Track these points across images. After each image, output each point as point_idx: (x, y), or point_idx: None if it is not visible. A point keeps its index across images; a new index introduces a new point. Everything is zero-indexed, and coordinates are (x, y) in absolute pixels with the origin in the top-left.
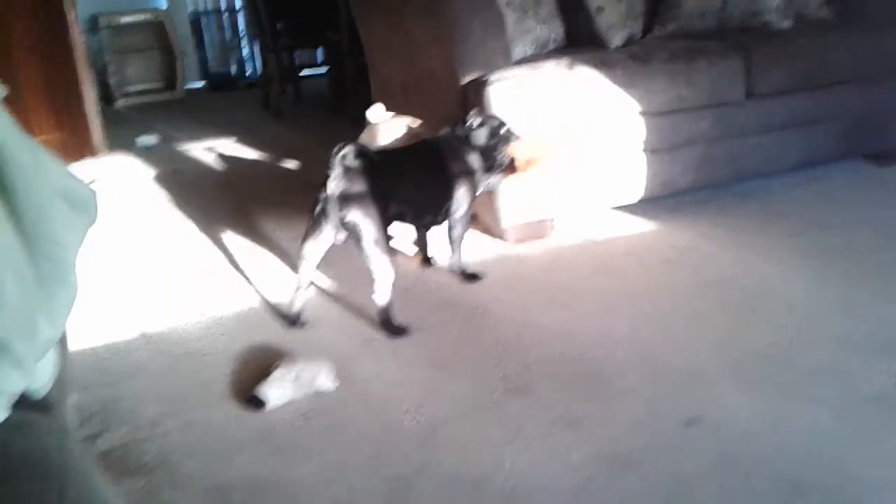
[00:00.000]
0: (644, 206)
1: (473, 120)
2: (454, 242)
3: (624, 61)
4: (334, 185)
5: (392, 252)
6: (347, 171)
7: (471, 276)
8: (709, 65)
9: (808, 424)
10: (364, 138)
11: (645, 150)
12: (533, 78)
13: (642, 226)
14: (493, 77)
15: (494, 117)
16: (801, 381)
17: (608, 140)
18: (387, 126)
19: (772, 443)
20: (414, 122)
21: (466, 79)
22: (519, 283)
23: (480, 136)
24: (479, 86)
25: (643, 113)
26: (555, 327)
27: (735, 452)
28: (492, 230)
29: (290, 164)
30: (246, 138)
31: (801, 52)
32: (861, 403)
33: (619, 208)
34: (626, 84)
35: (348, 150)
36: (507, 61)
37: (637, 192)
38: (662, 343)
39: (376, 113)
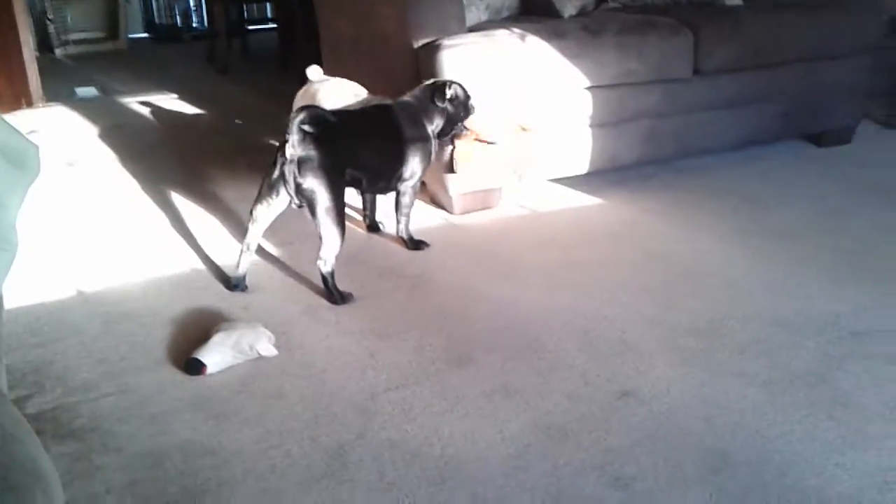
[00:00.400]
0: (589, 180)
1: (455, 89)
2: (403, 209)
3: (576, 32)
4: (292, 150)
5: (344, 221)
6: (306, 135)
7: (417, 244)
8: (660, 39)
9: (736, 399)
10: (300, 98)
11: (592, 125)
12: (486, 46)
13: (587, 199)
14: (447, 42)
15: (465, 88)
16: (731, 358)
17: (556, 113)
18: (327, 87)
19: (700, 416)
20: (357, 89)
21: (419, 42)
22: (464, 253)
23: (450, 106)
24: (432, 50)
25: (592, 87)
26: (498, 298)
27: (665, 425)
28: (439, 199)
29: (236, 121)
30: (190, 93)
31: (750, 31)
32: (788, 379)
33: (565, 181)
34: (577, 55)
35: (307, 114)
36: (461, 27)
37: (583, 165)
38: (601, 317)
39: (316, 72)
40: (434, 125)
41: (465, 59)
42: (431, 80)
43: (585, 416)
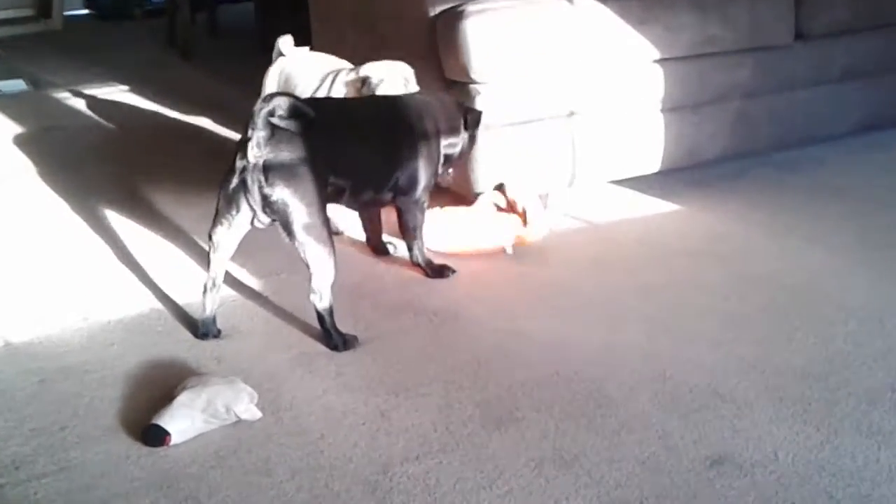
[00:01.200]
0: (661, 181)
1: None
2: (409, 230)
3: None
4: (257, 151)
5: (332, 239)
6: (276, 132)
7: (439, 270)
8: None
9: (867, 465)
10: (270, 79)
11: (663, 109)
12: (522, 12)
13: (659, 206)
14: (472, 8)
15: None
16: (858, 410)
17: (617, 95)
18: (305, 64)
19: (820, 488)
20: (406, 72)
21: (437, 9)
22: (501, 280)
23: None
24: (453, 19)
25: (662, 60)
26: (545, 338)
27: (773, 501)
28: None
29: (202, 120)
30: (144, 85)
31: None
32: None
33: (630, 182)
34: (641, 20)
35: (278, 103)
36: None
37: (653, 162)
38: (683, 359)
39: (288, 44)
40: (448, 143)
41: (494, 29)
42: (463, 103)
43: (667, 490)
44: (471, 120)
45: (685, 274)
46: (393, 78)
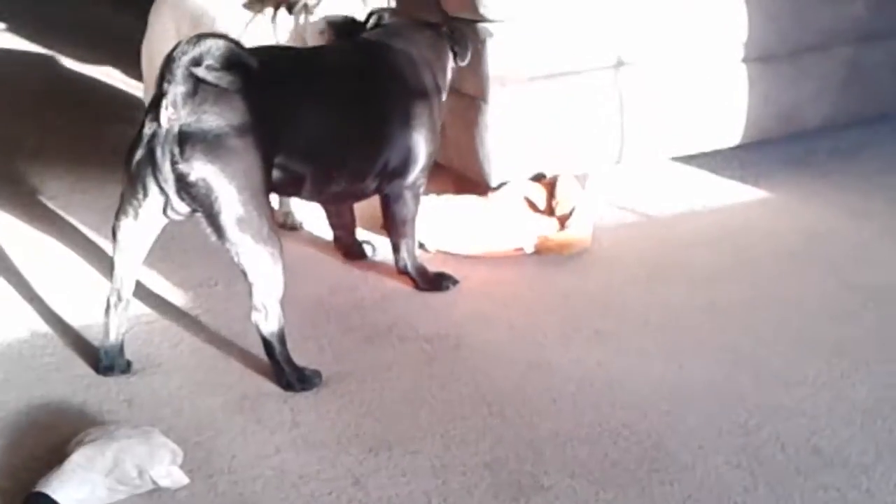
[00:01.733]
0: (743, 158)
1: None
2: (399, 226)
3: None
4: (171, 113)
5: (278, 239)
6: (200, 88)
7: (434, 281)
8: None
9: None
10: (159, 21)
11: (747, 58)
12: None
13: (739, 193)
14: None
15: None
16: None
17: (681, 38)
18: None
19: None
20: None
21: None
22: (519, 294)
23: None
24: None
25: None
26: (582, 374)
27: None
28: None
29: (105, 71)
30: (24, 21)
31: None
32: None
33: (699, 160)
34: None
35: (207, 47)
36: None
37: (731, 132)
38: (771, 404)
39: None
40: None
41: None
42: (442, 24)
43: None
44: (460, 47)
45: (774, 286)
46: None
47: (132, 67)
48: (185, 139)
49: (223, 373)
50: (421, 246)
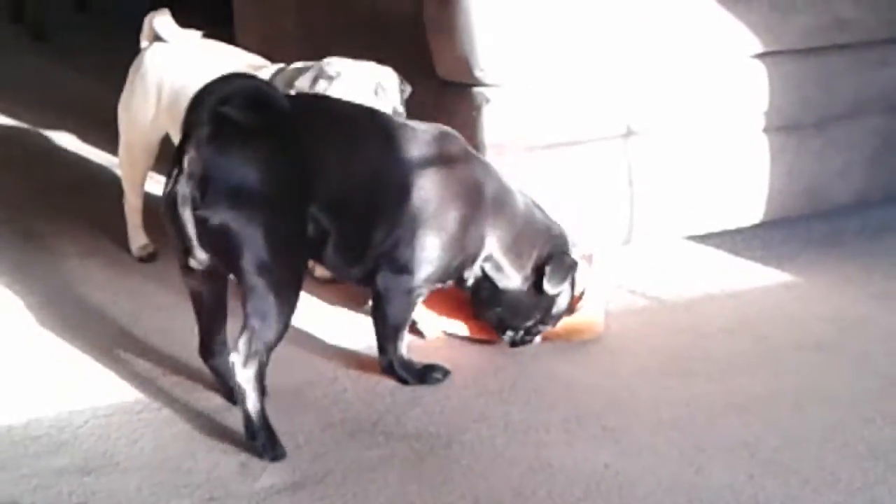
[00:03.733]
0: (765, 237)
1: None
2: (391, 329)
3: None
4: (193, 155)
5: (297, 292)
6: (224, 129)
7: (423, 374)
8: None
9: None
10: (141, 80)
11: (769, 128)
12: None
13: (761, 275)
14: None
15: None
16: None
17: (697, 106)
18: (199, 58)
19: None
20: (385, 77)
21: None
22: (519, 385)
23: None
24: None
25: (767, 53)
26: (589, 476)
27: None
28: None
29: (61, 136)
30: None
31: None
32: None
33: (716, 240)
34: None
35: (235, 87)
36: None
37: (752, 209)
38: None
39: (167, 25)
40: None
41: (510, 4)
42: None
43: None
44: (553, 276)
45: (800, 379)
46: (359, 77)
47: (89, 131)
48: (208, 183)
49: (188, 473)
50: (418, 333)
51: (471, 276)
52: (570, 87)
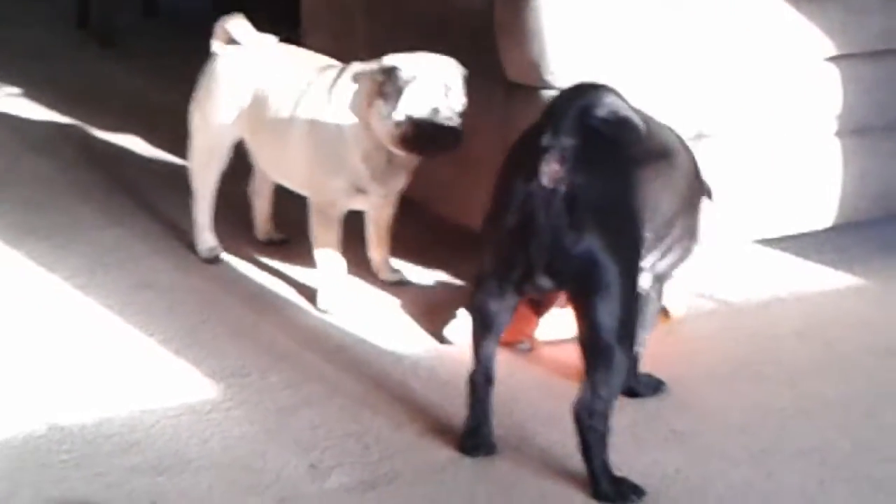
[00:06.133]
0: (837, 241)
1: None
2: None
3: None
4: (558, 170)
5: (634, 336)
6: (589, 143)
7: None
8: None
9: None
10: (216, 82)
11: (841, 132)
12: None
13: (832, 279)
14: None
15: None
16: None
17: (767, 109)
18: (275, 61)
19: None
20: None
21: None
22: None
23: None
24: None
25: (840, 56)
26: (660, 480)
27: None
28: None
29: (129, 139)
30: (43, 86)
31: None
32: None
33: (786, 243)
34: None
35: (597, 97)
36: None
37: (823, 212)
38: None
39: (242, 29)
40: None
41: (581, 8)
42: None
43: None
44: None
45: (872, 385)
46: (430, 78)
47: (156, 135)
48: (575, 203)
49: (258, 472)
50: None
51: None
52: (640, 89)
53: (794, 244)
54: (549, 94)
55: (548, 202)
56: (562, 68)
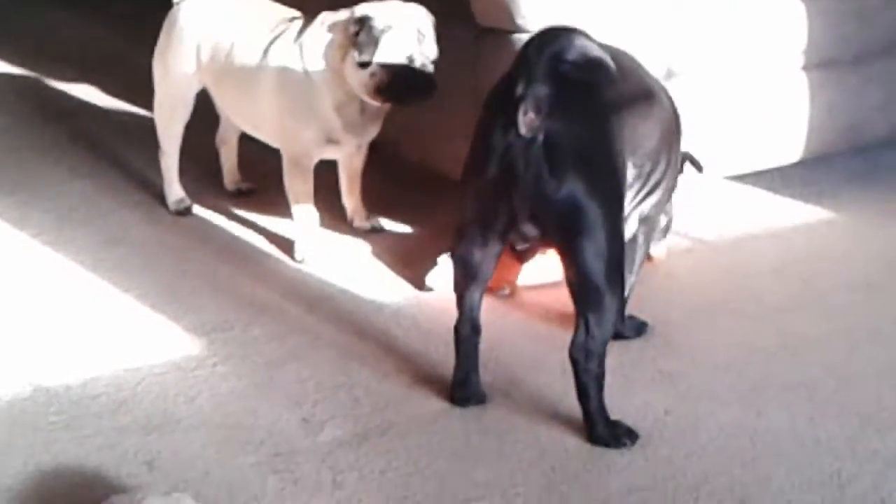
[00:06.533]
0: (805, 175)
1: None
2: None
3: None
4: (533, 119)
5: (623, 275)
6: (563, 89)
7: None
8: None
9: None
10: (177, 31)
11: (807, 65)
12: None
13: (803, 213)
14: None
15: None
16: None
17: (736, 45)
18: (235, 8)
19: None
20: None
21: None
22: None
23: None
24: None
25: None
26: (651, 422)
27: None
28: None
29: (84, 88)
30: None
31: None
32: None
33: (756, 178)
34: None
35: (567, 42)
36: None
37: (791, 147)
38: (864, 450)
39: None
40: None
41: None
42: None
43: None
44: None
45: (852, 319)
46: (403, 26)
47: (114, 83)
48: (554, 150)
49: (250, 429)
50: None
51: None
52: (609, 30)
53: (763, 179)
54: (520, 38)
55: (527, 151)
56: (532, 11)
